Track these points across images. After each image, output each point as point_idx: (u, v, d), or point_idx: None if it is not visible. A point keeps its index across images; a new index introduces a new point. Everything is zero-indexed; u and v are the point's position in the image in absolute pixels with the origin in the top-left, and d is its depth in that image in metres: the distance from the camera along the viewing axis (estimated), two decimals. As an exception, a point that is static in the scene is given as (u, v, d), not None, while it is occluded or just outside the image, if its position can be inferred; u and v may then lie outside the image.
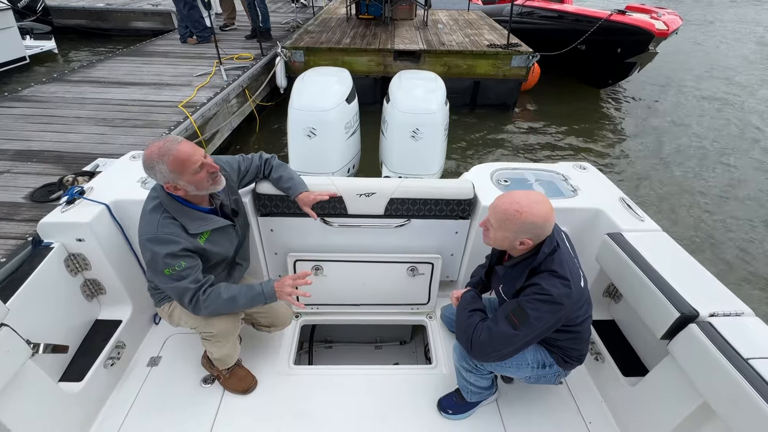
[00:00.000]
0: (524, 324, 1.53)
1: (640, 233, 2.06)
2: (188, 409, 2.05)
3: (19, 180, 3.57)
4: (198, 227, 1.69)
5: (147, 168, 1.55)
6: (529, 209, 1.47)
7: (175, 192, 1.62)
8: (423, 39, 7.82)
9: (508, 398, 2.15)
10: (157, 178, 1.58)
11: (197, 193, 1.66)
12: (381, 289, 2.49)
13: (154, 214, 1.64)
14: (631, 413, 1.95)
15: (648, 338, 2.04)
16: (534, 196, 1.52)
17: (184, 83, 5.90)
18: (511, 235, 1.54)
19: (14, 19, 8.00)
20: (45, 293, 1.88)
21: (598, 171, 2.64)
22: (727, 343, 1.48)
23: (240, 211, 1.97)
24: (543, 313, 1.51)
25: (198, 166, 1.57)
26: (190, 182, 1.58)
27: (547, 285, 1.50)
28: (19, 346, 1.50)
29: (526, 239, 1.53)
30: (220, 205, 1.83)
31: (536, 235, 1.53)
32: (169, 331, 2.41)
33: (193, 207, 1.71)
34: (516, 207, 1.49)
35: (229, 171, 1.96)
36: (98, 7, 11.08)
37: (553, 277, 1.51)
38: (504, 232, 1.54)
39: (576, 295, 1.53)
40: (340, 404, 2.10)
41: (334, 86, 3.97)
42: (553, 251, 1.56)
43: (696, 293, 1.68)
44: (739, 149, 6.90)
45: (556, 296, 1.49)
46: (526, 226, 1.49)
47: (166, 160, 1.52)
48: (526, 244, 1.55)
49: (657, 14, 8.06)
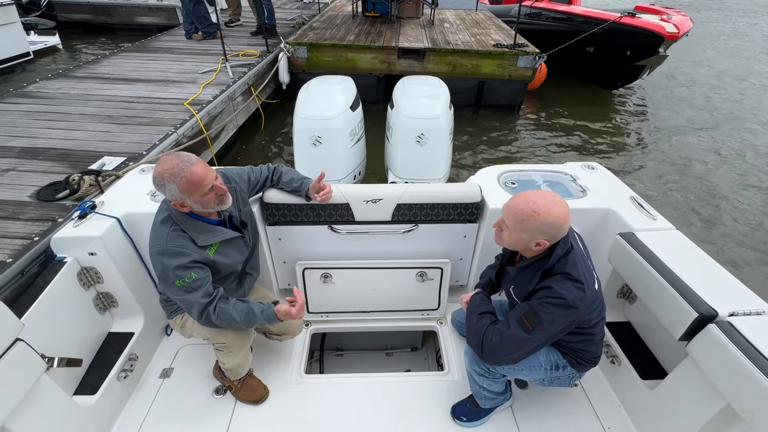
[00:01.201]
0: (537, 327, 1.51)
1: (653, 232, 2.03)
2: (201, 420, 2.04)
3: (24, 178, 3.53)
4: (207, 239, 1.70)
5: (157, 184, 1.55)
6: (546, 209, 1.45)
7: (180, 209, 1.63)
8: (428, 37, 7.76)
9: (523, 404, 2.12)
10: (166, 194, 1.58)
11: (203, 210, 1.67)
12: (390, 296, 2.47)
13: (163, 227, 1.65)
14: (650, 417, 1.92)
15: (665, 340, 2.00)
16: (551, 196, 1.50)
17: (189, 80, 5.86)
18: (527, 236, 1.51)
19: (18, 14, 7.96)
20: (59, 307, 1.89)
21: (606, 170, 2.61)
22: (748, 343, 1.44)
23: (250, 223, 1.97)
24: (556, 316, 1.49)
25: (208, 189, 1.58)
26: (197, 202, 1.60)
27: (561, 288, 1.48)
28: (34, 361, 1.51)
29: (542, 240, 1.50)
30: (228, 216, 1.83)
31: (552, 236, 1.50)
32: (181, 342, 2.41)
33: (202, 219, 1.72)
34: (533, 207, 1.46)
35: (239, 182, 1.96)
36: (103, 2, 11.05)
37: (567, 280, 1.49)
38: (519, 232, 1.52)
39: (590, 298, 1.51)
40: (352, 413, 2.08)
41: (338, 95, 3.98)
42: (567, 253, 1.54)
43: (714, 292, 1.64)
44: (754, 147, 6.85)
45: (570, 300, 1.47)
46: (542, 227, 1.47)
47: (178, 180, 1.52)
48: (542, 245, 1.52)
49: (667, 16, 7.99)
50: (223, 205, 1.68)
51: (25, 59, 8.24)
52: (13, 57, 7.99)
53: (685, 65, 11.27)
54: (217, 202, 1.65)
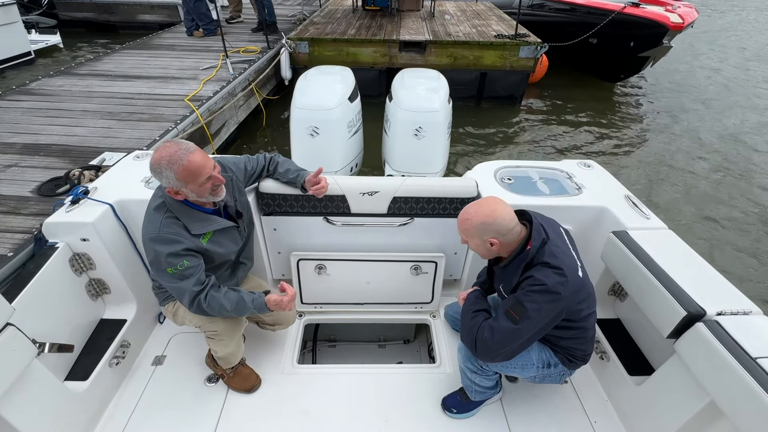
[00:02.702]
0: (524, 317, 1.53)
1: (645, 231, 2.03)
2: (193, 407, 2.05)
3: (26, 174, 3.59)
4: (200, 228, 1.70)
5: (154, 170, 1.55)
6: (475, 213, 1.60)
7: (175, 196, 1.63)
8: (429, 30, 7.73)
9: (513, 397, 2.13)
10: (162, 181, 1.58)
11: (198, 199, 1.67)
12: (384, 288, 2.48)
13: (157, 213, 1.65)
14: (636, 412, 1.93)
15: (654, 337, 2.01)
16: (481, 202, 1.65)
17: (190, 77, 5.89)
18: (478, 240, 1.63)
19: (19, 14, 7.91)
20: (50, 293, 1.88)
21: (603, 169, 2.61)
22: (734, 342, 1.46)
23: (245, 213, 1.96)
24: (541, 303, 1.51)
25: (205, 179, 1.57)
26: (193, 191, 1.59)
27: (540, 275, 1.52)
28: (24, 346, 1.51)
29: (491, 239, 1.60)
30: (224, 206, 1.83)
31: (497, 232, 1.58)
32: (174, 330, 2.42)
33: (196, 208, 1.71)
34: (464, 216, 1.63)
35: (235, 171, 1.95)
36: (105, 0, 11.07)
37: (546, 268, 1.53)
38: (471, 239, 1.65)
39: (573, 284, 1.53)
40: (343, 403, 2.10)
41: (336, 85, 3.96)
42: (543, 243, 1.58)
43: (703, 292, 1.65)
44: (755, 148, 6.74)
45: (551, 285, 1.50)
46: (480, 228, 1.59)
47: (175, 168, 1.51)
48: (496, 245, 1.61)
49: (672, 6, 7.86)
50: (216, 197, 1.67)
51: (26, 59, 8.20)
52: (14, 57, 7.95)
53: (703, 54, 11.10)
54: (211, 192, 1.64)
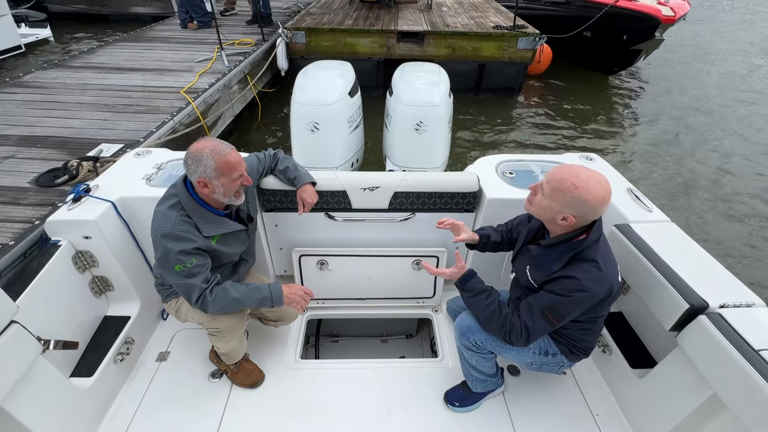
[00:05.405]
0: (562, 319, 1.55)
1: (648, 224, 2.03)
2: (197, 402, 2.06)
3: (23, 165, 3.56)
4: (211, 230, 1.72)
5: (194, 158, 1.58)
6: (585, 185, 1.40)
7: (202, 189, 1.65)
8: (427, 21, 7.68)
9: (515, 391, 2.15)
10: (198, 170, 1.59)
11: (219, 198, 1.69)
12: (386, 283, 2.48)
13: (171, 211, 1.67)
14: (639, 405, 1.94)
15: (657, 330, 2.01)
16: (596, 175, 1.45)
17: (185, 69, 5.82)
18: (558, 206, 1.46)
19: (8, 7, 7.79)
20: (54, 290, 1.89)
21: (605, 161, 2.60)
22: (737, 334, 1.46)
23: (255, 216, 1.98)
24: (579, 305, 1.51)
25: (238, 175, 1.64)
26: (223, 185, 1.63)
27: (587, 280, 1.46)
28: (29, 343, 1.51)
29: (569, 215, 1.45)
30: (236, 209, 1.85)
31: (582, 214, 1.45)
32: (177, 326, 2.42)
33: (210, 209, 1.73)
34: (573, 180, 1.42)
35: (251, 173, 1.95)
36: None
37: (594, 269, 1.47)
38: (551, 200, 1.47)
39: (613, 289, 1.53)
40: (347, 398, 2.10)
41: (336, 80, 3.91)
42: (598, 239, 1.51)
43: (706, 284, 1.65)
44: (758, 141, 6.77)
45: (594, 292, 1.47)
46: (576, 202, 1.42)
47: (216, 158, 1.57)
48: (568, 221, 1.47)
49: None
50: (238, 199, 1.72)
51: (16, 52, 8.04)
52: (4, 50, 7.81)
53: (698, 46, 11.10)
54: (236, 193, 1.68)
